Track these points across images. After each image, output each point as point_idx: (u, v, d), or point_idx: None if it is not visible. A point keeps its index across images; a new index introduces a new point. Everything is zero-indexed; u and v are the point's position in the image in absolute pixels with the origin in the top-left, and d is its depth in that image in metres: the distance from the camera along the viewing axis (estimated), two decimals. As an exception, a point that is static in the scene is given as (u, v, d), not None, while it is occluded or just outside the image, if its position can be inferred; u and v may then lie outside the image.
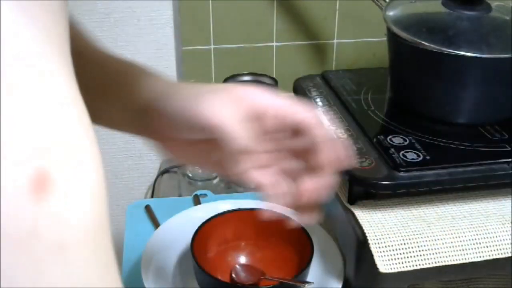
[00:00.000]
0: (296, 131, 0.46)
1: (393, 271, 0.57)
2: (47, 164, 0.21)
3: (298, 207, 0.47)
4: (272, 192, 0.46)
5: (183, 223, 0.75)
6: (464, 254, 0.59)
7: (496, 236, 0.60)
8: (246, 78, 0.96)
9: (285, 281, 0.64)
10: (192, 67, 1.00)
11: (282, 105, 0.46)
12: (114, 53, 0.51)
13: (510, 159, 0.63)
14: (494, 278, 0.77)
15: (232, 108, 0.44)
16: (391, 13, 0.76)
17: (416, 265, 0.58)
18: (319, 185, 0.45)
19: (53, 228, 0.21)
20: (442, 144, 0.67)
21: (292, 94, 0.87)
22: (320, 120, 0.46)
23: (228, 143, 0.43)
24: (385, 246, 0.58)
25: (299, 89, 0.85)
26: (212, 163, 0.49)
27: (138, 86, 0.48)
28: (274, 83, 0.94)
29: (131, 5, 0.95)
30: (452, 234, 0.59)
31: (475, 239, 0.59)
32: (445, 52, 0.67)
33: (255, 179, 0.47)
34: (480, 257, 0.59)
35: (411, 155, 0.64)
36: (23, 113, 0.20)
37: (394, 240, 0.58)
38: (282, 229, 0.71)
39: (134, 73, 0.49)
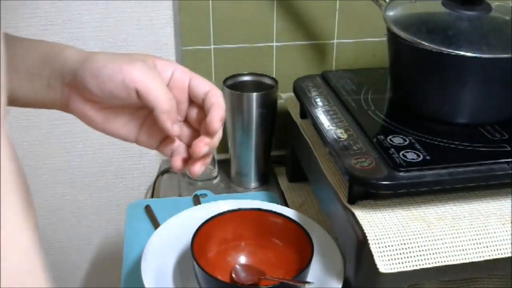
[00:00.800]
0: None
1: (393, 271, 0.57)
2: None
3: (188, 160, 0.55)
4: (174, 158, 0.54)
5: (183, 223, 0.75)
6: (464, 254, 0.59)
7: (496, 236, 0.60)
8: (246, 78, 0.96)
9: (285, 281, 0.64)
10: (192, 67, 0.99)
11: (192, 78, 0.54)
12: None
13: (510, 159, 0.63)
14: (494, 278, 0.77)
15: (157, 77, 0.51)
16: (391, 13, 0.76)
17: (416, 265, 0.58)
18: (202, 142, 0.52)
19: None
20: (442, 144, 0.67)
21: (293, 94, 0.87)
22: (219, 91, 0.54)
23: (155, 105, 0.50)
24: (385, 246, 0.58)
25: (299, 89, 0.85)
26: (133, 131, 0.54)
27: (63, 61, 0.51)
28: (274, 83, 0.94)
29: (131, 5, 0.95)
30: (452, 234, 0.59)
31: (475, 239, 0.59)
32: (445, 52, 0.67)
33: (169, 148, 0.55)
34: (480, 257, 0.59)
35: (411, 155, 0.64)
36: None
37: (394, 240, 0.58)
38: (282, 229, 0.72)
39: (58, 50, 0.52)
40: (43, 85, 0.52)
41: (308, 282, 0.63)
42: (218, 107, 0.52)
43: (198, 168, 0.53)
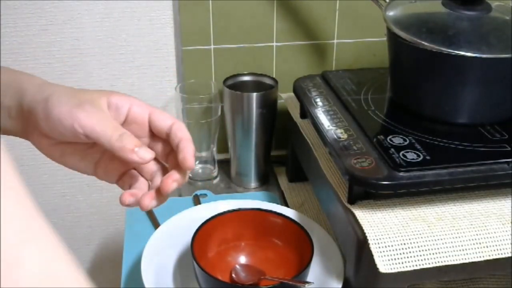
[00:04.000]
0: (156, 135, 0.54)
1: (393, 271, 0.57)
2: None
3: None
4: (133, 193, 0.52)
5: (183, 223, 0.75)
6: (464, 254, 0.59)
7: (496, 236, 0.60)
8: (246, 78, 0.96)
9: (285, 281, 0.64)
10: (192, 67, 1.00)
11: (151, 113, 0.53)
12: None
13: (510, 159, 0.63)
14: (494, 278, 0.77)
15: (104, 118, 0.50)
16: (391, 13, 0.76)
17: (416, 265, 0.58)
18: (172, 179, 0.51)
19: None
20: (442, 144, 0.67)
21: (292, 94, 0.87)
22: (182, 124, 0.53)
23: (108, 146, 0.49)
24: (385, 246, 0.58)
25: (299, 89, 0.85)
26: (90, 164, 0.54)
27: (22, 94, 0.51)
28: (274, 83, 0.94)
29: (131, 5, 0.95)
30: (452, 234, 0.59)
31: (475, 239, 0.59)
32: (445, 52, 0.67)
33: (129, 183, 0.54)
34: (480, 257, 0.59)
35: (411, 155, 0.64)
36: None
37: (394, 240, 0.58)
38: (282, 229, 0.72)
39: (19, 81, 0.52)
40: (4, 114, 0.51)
41: (308, 282, 0.63)
42: (187, 141, 0.51)
43: (150, 202, 0.51)
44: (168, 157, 0.54)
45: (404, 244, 0.58)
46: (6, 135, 0.54)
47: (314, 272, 0.67)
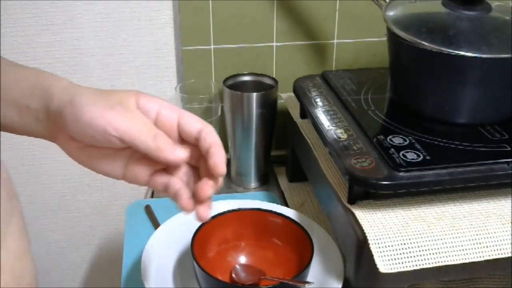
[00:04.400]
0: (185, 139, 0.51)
1: (393, 271, 0.57)
2: None
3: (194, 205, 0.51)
4: (176, 196, 0.51)
5: (183, 223, 0.75)
6: (464, 254, 0.59)
7: (496, 236, 0.60)
8: (246, 78, 0.96)
9: (285, 281, 0.64)
10: (192, 67, 1.00)
11: (181, 116, 0.51)
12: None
13: (510, 159, 0.63)
14: (494, 278, 0.77)
15: (137, 118, 0.48)
16: (391, 13, 0.76)
17: (416, 265, 0.58)
18: (208, 185, 0.50)
19: None
20: (442, 144, 0.67)
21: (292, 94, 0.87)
22: (212, 128, 0.51)
23: (143, 150, 0.47)
24: (385, 246, 0.58)
25: (299, 89, 0.85)
26: (118, 168, 0.52)
27: (50, 97, 0.49)
28: (274, 83, 0.94)
29: (131, 5, 0.95)
30: (452, 234, 0.59)
31: (475, 239, 0.59)
32: (445, 52, 0.67)
33: (162, 183, 0.52)
34: (480, 257, 0.59)
35: (411, 155, 0.64)
36: None
37: (394, 240, 0.58)
38: (282, 229, 0.72)
39: (47, 84, 0.50)
40: (32, 118, 0.50)
41: (308, 282, 0.63)
42: (218, 147, 0.49)
43: (207, 212, 0.51)
44: (199, 162, 0.52)
45: (404, 244, 0.58)
46: (36, 137, 0.52)
47: (314, 272, 0.67)
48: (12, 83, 0.50)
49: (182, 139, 0.52)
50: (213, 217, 0.71)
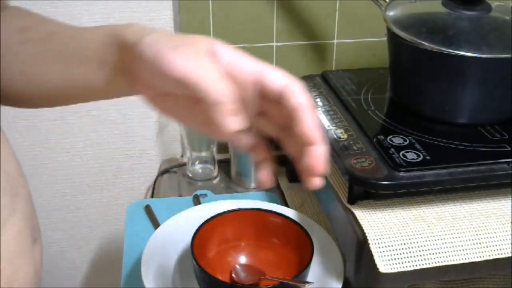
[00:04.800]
0: (271, 98, 0.45)
1: (393, 271, 0.57)
2: None
3: (308, 173, 0.47)
4: (254, 153, 0.47)
5: (183, 223, 0.75)
6: (464, 254, 0.59)
7: (496, 236, 0.60)
8: (246, 78, 0.96)
9: (285, 281, 0.64)
10: (192, 67, 1.00)
11: (259, 70, 0.45)
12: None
13: (510, 159, 0.63)
14: (494, 278, 0.77)
15: (204, 63, 0.43)
16: (391, 13, 0.76)
17: (416, 265, 0.58)
18: (318, 153, 0.46)
19: None
20: (442, 144, 0.67)
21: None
22: (299, 86, 0.44)
23: (203, 96, 0.41)
24: (385, 246, 0.58)
25: (299, 89, 0.85)
26: (197, 121, 0.47)
27: (122, 42, 0.47)
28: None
29: (131, 5, 0.95)
30: (452, 234, 0.59)
31: (475, 239, 0.59)
32: (445, 52, 0.67)
33: (240, 140, 0.47)
34: (480, 257, 0.59)
35: (411, 155, 0.64)
36: None
37: (394, 240, 0.58)
38: (282, 229, 0.72)
39: (120, 33, 0.48)
40: (113, 71, 0.48)
41: (308, 282, 0.63)
42: (303, 111, 0.43)
43: (319, 181, 0.46)
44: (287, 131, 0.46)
45: (404, 244, 0.58)
46: (115, 98, 0.50)
47: (314, 272, 0.67)
48: (90, 40, 0.49)
49: (269, 99, 0.45)
50: (213, 217, 0.71)
